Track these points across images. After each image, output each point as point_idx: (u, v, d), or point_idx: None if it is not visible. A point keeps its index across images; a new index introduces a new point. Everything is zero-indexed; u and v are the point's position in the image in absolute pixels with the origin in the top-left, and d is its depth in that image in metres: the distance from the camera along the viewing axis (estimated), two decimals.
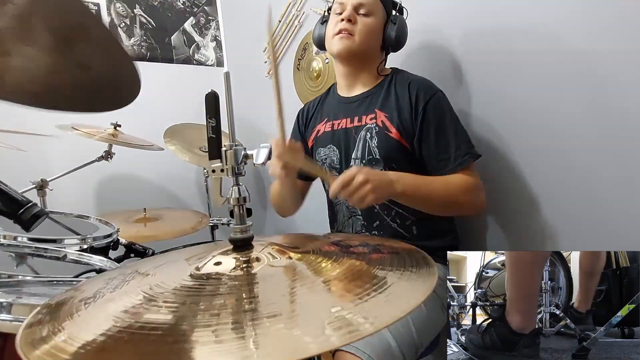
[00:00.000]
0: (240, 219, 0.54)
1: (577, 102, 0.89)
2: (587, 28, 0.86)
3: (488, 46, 1.07)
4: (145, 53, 2.22)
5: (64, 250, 0.93)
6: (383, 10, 1.05)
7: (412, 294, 0.38)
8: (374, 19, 1.03)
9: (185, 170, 2.27)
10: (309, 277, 0.47)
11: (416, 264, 0.46)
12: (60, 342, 0.34)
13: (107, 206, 2.07)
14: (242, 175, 0.56)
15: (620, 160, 0.84)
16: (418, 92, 0.99)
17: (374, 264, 0.49)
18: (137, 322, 0.36)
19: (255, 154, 0.56)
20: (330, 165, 1.11)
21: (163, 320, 0.37)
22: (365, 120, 1.04)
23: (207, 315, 0.37)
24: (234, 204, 0.54)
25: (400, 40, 1.06)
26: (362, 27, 1.02)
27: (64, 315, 0.40)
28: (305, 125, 1.22)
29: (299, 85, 1.82)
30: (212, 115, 0.53)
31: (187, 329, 0.34)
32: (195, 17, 2.36)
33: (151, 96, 2.21)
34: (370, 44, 1.04)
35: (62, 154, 1.87)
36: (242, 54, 2.32)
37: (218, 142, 0.53)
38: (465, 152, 0.95)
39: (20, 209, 0.61)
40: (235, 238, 0.53)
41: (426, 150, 0.98)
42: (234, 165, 0.54)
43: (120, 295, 0.46)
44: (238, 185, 0.55)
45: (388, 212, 1.03)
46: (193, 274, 0.48)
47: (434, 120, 0.97)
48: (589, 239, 0.90)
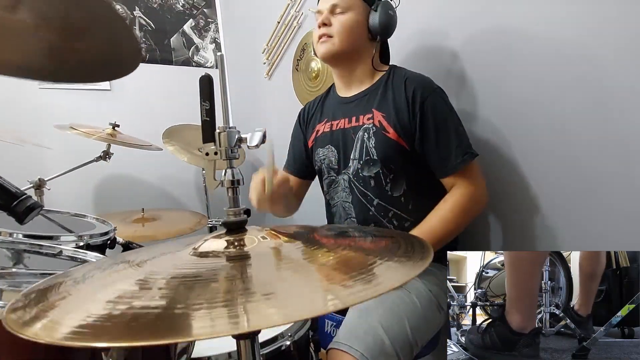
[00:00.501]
0: (233, 202, 0.53)
1: (579, 101, 0.89)
2: (589, 26, 0.86)
3: (489, 44, 1.06)
4: (144, 55, 2.22)
5: (59, 247, 0.92)
6: (362, 3, 1.03)
7: (395, 279, 0.38)
8: (351, 14, 1.02)
9: (183, 171, 2.27)
10: (298, 260, 0.47)
11: (412, 250, 0.46)
12: (48, 323, 0.34)
13: (105, 206, 2.06)
14: (236, 159, 0.55)
15: (620, 160, 0.84)
16: (415, 90, 0.97)
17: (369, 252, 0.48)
18: (129, 302, 0.36)
19: (249, 137, 0.55)
20: (328, 166, 1.11)
21: (156, 304, 0.36)
22: (363, 120, 1.03)
23: (200, 296, 0.37)
24: (228, 187, 0.54)
25: (386, 26, 1.03)
26: (339, 27, 1.02)
27: (53, 298, 0.40)
28: (306, 124, 1.22)
29: (298, 86, 1.82)
30: (206, 98, 0.52)
31: (181, 309, 0.34)
32: (195, 19, 2.37)
33: (150, 97, 2.23)
34: (352, 40, 1.03)
35: (61, 154, 1.87)
36: (241, 55, 2.33)
37: (212, 125, 0.53)
38: (464, 152, 0.95)
39: (14, 201, 0.60)
40: (228, 221, 0.53)
41: (427, 150, 0.97)
42: (228, 147, 0.54)
43: (112, 278, 0.46)
44: (232, 168, 0.55)
45: (385, 213, 1.02)
46: (186, 257, 0.48)
47: (433, 119, 0.96)
48: (589, 239, 0.89)
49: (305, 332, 0.90)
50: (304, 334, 0.89)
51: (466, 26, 1.12)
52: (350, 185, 1.06)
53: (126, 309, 0.35)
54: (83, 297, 0.41)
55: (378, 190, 1.01)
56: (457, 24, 1.14)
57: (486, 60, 1.08)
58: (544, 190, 0.98)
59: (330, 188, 1.13)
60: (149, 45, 2.23)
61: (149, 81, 2.22)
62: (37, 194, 1.50)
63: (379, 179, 1.01)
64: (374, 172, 1.01)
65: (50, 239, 0.98)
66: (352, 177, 1.05)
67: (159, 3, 2.25)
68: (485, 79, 1.09)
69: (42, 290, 0.43)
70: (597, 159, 0.87)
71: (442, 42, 1.19)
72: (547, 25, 0.93)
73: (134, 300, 0.37)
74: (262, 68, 2.11)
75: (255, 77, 2.18)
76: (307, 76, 1.76)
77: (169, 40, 2.29)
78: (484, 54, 1.08)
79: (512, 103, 1.03)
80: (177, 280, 0.42)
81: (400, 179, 1.00)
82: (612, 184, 0.85)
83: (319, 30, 1.04)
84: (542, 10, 0.93)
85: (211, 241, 0.51)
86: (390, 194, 1.01)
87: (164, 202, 2.25)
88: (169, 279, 0.42)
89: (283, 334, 0.84)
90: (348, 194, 1.07)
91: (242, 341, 0.49)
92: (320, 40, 1.04)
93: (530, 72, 0.98)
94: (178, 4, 2.31)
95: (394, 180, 1.00)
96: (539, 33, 0.95)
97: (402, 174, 1.00)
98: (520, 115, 1.01)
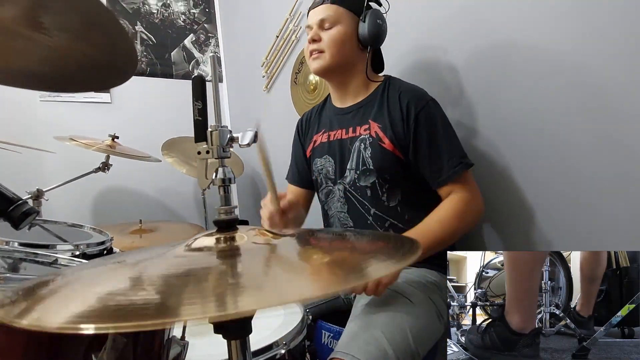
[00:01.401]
0: (225, 201, 0.53)
1: (578, 101, 0.90)
2: (581, 31, 0.88)
3: (483, 51, 1.09)
4: (145, 68, 2.25)
5: (55, 255, 0.92)
6: (350, 15, 1.03)
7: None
8: (340, 28, 1.03)
9: (182, 183, 2.27)
10: (288, 258, 0.47)
11: (403, 251, 0.46)
12: (38, 315, 0.33)
13: (103, 218, 2.06)
14: (228, 157, 0.56)
15: (620, 160, 0.84)
16: (409, 103, 0.98)
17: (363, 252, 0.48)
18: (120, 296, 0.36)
19: (241, 136, 0.56)
20: (325, 176, 1.12)
21: (149, 298, 0.36)
22: (360, 131, 1.04)
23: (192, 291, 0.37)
24: (219, 185, 0.54)
25: (376, 35, 1.03)
26: (328, 41, 1.03)
27: (42, 295, 0.40)
28: (304, 135, 1.23)
29: (297, 98, 1.85)
30: (198, 98, 0.53)
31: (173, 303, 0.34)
32: (195, 34, 2.42)
33: (150, 110, 2.26)
34: (343, 53, 1.04)
35: (59, 165, 1.87)
36: (241, 69, 2.37)
37: (204, 125, 0.54)
38: (457, 162, 0.95)
39: (10, 207, 0.60)
40: (219, 220, 0.52)
41: (421, 161, 0.98)
42: (219, 145, 0.54)
43: (104, 276, 0.45)
44: (223, 167, 0.55)
45: (381, 223, 1.02)
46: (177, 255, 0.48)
47: (426, 131, 0.96)
48: (589, 239, 0.89)
49: (301, 341, 0.88)
50: (299, 343, 0.87)
51: (462, 33, 1.14)
52: (345, 195, 1.06)
53: (116, 301, 0.35)
54: (74, 292, 0.41)
55: (374, 200, 1.02)
56: (453, 31, 1.16)
57: (481, 65, 1.09)
58: (544, 190, 0.99)
59: (327, 198, 1.13)
60: (149, 59, 2.27)
61: (149, 94, 2.25)
62: (35, 204, 1.49)
63: (375, 189, 1.01)
64: (370, 182, 1.01)
65: (47, 247, 0.97)
66: (349, 187, 1.05)
67: (161, 18, 2.30)
68: (482, 83, 1.10)
69: (31, 287, 0.43)
70: (597, 159, 0.88)
71: (438, 50, 1.21)
72: (540, 35, 0.95)
73: (124, 295, 0.37)
74: (262, 81, 2.14)
75: (255, 91, 2.21)
76: (305, 89, 1.78)
77: (169, 55, 2.33)
78: (479, 59, 1.10)
79: (511, 104, 1.03)
80: (169, 276, 0.42)
81: (396, 188, 1.01)
82: (612, 184, 0.86)
83: (310, 46, 1.06)
84: (536, 21, 0.96)
85: (202, 239, 0.51)
86: (387, 204, 1.01)
87: (161, 213, 2.25)
88: (161, 275, 0.42)
89: (278, 342, 0.82)
90: (343, 204, 1.07)
91: (233, 342, 0.48)
92: (312, 56, 1.06)
93: (525, 79, 0.99)
94: (179, 19, 2.37)
95: (389, 190, 1.01)
96: (532, 43, 0.97)
97: (397, 184, 1.01)
98: (519, 116, 1.02)
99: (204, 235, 0.51)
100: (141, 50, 2.24)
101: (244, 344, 0.48)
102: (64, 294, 0.40)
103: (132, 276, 0.43)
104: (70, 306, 0.36)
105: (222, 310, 0.32)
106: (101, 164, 1.74)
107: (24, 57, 0.60)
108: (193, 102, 0.53)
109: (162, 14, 2.30)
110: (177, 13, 2.35)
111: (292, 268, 0.44)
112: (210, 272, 0.42)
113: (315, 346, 1.01)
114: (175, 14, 2.35)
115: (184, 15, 2.37)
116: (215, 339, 0.45)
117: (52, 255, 0.93)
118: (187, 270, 0.43)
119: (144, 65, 2.25)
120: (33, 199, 1.49)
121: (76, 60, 0.60)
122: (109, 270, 0.47)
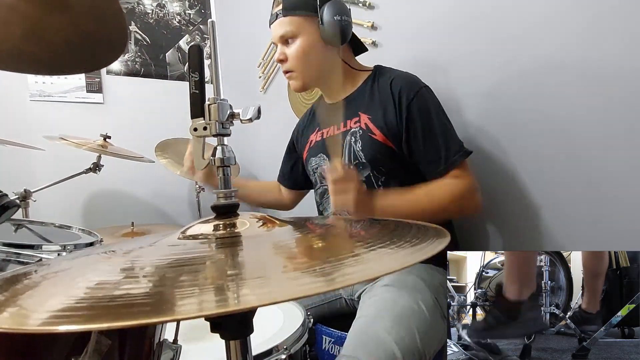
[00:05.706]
0: (224, 183, 0.48)
1: (579, 101, 0.90)
2: (588, 24, 0.87)
3: (483, 42, 1.08)
4: (139, 69, 2.23)
5: (39, 255, 0.89)
6: (308, 19, 0.99)
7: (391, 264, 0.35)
8: (301, 40, 1.00)
9: (175, 186, 2.24)
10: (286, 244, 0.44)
11: (422, 236, 0.43)
12: (17, 311, 0.31)
13: (94, 220, 2.02)
14: (228, 135, 0.50)
15: (620, 160, 0.84)
16: (401, 89, 0.95)
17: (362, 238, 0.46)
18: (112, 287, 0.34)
19: (242, 111, 0.50)
20: (320, 175, 1.11)
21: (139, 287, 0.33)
22: (350, 124, 1.02)
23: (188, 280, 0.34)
24: (218, 165, 0.48)
25: (339, 33, 0.97)
26: (292, 60, 1.01)
27: (24, 287, 0.37)
28: (298, 141, 1.25)
29: (294, 99, 1.84)
30: (195, 69, 0.47)
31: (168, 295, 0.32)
32: (191, 35, 2.40)
33: (144, 111, 2.23)
34: (311, 65, 1.01)
35: (48, 165, 1.84)
36: (236, 71, 2.35)
37: (202, 99, 0.47)
38: (455, 151, 0.92)
39: None
40: (218, 205, 0.48)
41: (415, 152, 0.95)
42: (218, 121, 0.48)
43: (90, 268, 0.43)
44: (223, 145, 0.49)
45: None
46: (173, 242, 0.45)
47: (420, 119, 0.93)
48: (589, 239, 0.89)
49: (302, 346, 0.85)
50: (301, 348, 0.84)
51: (461, 23, 1.13)
52: None
53: (107, 294, 0.32)
54: (58, 285, 0.38)
55: None
56: (453, 19, 1.15)
57: (482, 58, 1.09)
58: (544, 190, 0.98)
59: (322, 198, 1.12)
60: (144, 59, 2.24)
61: (143, 95, 2.22)
62: (22, 205, 1.46)
63: (370, 183, 1.00)
64: (365, 176, 0.99)
65: (32, 248, 0.94)
66: None
67: (155, 19, 2.28)
68: (483, 77, 1.10)
69: (9, 279, 0.40)
70: (598, 160, 0.88)
71: (437, 35, 1.20)
72: (546, 21, 0.94)
73: (116, 286, 0.34)
74: (258, 82, 2.13)
75: (251, 91, 2.20)
76: None
77: (164, 55, 2.31)
78: (479, 50, 1.09)
79: (512, 102, 1.03)
80: (164, 266, 0.39)
81: (391, 181, 0.99)
82: (612, 184, 0.86)
83: (281, 67, 1.06)
84: (540, 14, 0.95)
85: (199, 226, 0.48)
86: None
87: (154, 216, 2.21)
88: (155, 265, 0.39)
89: (278, 347, 0.80)
90: None
91: (232, 342, 0.44)
92: (286, 76, 1.05)
93: (528, 78, 0.99)
94: (174, 19, 2.35)
95: (385, 183, 0.99)
96: (538, 29, 0.96)
97: (393, 175, 0.99)
98: (520, 114, 1.02)
99: (199, 222, 0.47)
100: (135, 51, 2.22)
101: (244, 345, 0.44)
102: (45, 289, 0.37)
103: (117, 267, 0.40)
104: (53, 302, 0.33)
105: (221, 305, 0.29)
106: (92, 164, 1.70)
107: (5, 30, 0.56)
108: (189, 74, 0.47)
109: (157, 15, 2.29)
110: (172, 14, 2.34)
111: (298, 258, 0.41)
112: (208, 261, 0.39)
113: (316, 351, 0.98)
114: (171, 15, 2.33)
115: (179, 16, 2.36)
116: (210, 344, 0.42)
117: (37, 256, 0.90)
118: (180, 260, 0.40)
119: (138, 66, 2.23)
120: (20, 200, 1.45)
121: (63, 35, 0.57)
122: (94, 262, 0.44)
